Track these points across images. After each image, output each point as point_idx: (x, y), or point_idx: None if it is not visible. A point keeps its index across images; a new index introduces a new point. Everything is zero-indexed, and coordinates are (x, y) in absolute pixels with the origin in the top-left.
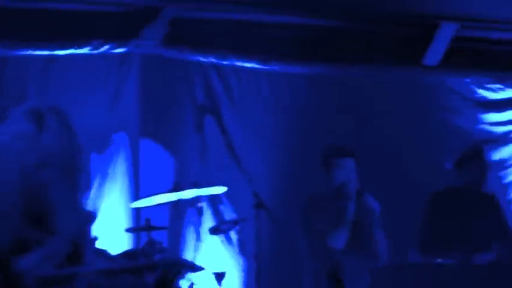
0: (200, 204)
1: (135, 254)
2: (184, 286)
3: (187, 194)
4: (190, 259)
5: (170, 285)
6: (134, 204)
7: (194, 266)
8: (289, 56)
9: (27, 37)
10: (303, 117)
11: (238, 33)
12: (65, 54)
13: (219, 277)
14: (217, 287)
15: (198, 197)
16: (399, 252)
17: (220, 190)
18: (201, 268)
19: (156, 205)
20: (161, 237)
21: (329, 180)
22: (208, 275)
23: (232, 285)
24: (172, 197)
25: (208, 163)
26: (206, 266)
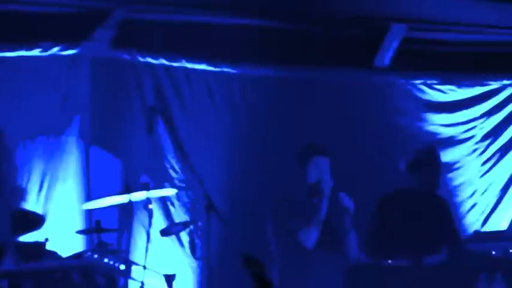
0: (150, 206)
1: (85, 256)
2: None
3: (137, 196)
4: (140, 260)
5: None
6: (85, 205)
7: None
8: (239, 58)
9: None
10: (253, 117)
11: (188, 35)
12: (15, 56)
13: (169, 279)
14: None
15: (149, 199)
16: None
17: (170, 192)
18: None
19: (107, 207)
20: (112, 239)
21: (303, 177)
22: (158, 277)
23: (183, 287)
24: (123, 199)
25: (159, 164)
26: (157, 268)
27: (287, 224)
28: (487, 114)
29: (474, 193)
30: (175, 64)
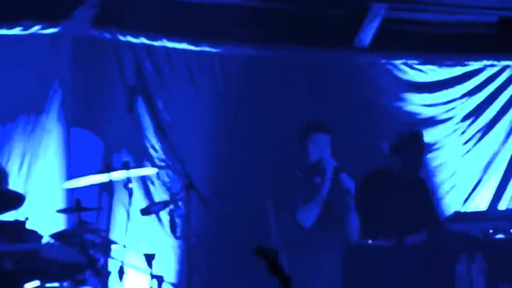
0: (130, 185)
1: (66, 235)
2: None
3: (118, 175)
4: (120, 239)
5: None
6: (65, 184)
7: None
8: (220, 38)
9: None
10: (235, 98)
11: (169, 14)
12: None
13: (149, 258)
14: (147, 268)
15: (129, 178)
16: None
17: (151, 171)
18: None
19: (88, 186)
20: (92, 218)
21: (304, 155)
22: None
23: (163, 266)
24: (103, 178)
25: (139, 144)
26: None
27: (288, 202)
28: (468, 94)
29: (454, 173)
30: (156, 43)
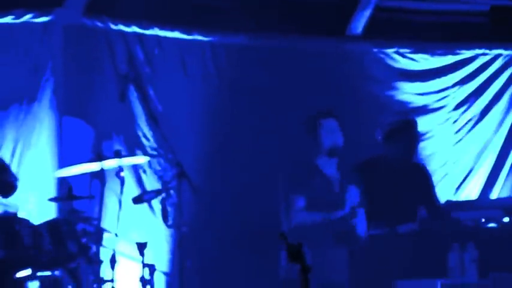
0: (122, 173)
1: (58, 223)
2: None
3: (109, 163)
4: (112, 228)
5: None
6: (57, 173)
7: None
8: (212, 26)
9: None
10: (227, 86)
11: (160, 2)
12: None
13: (141, 247)
14: (139, 257)
15: (121, 167)
16: None
17: (142, 159)
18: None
19: (79, 174)
20: (83, 206)
21: (317, 142)
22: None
23: (155, 254)
24: (95, 166)
25: (131, 132)
26: (129, 236)
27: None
28: (460, 83)
29: (446, 162)
30: (147, 32)
